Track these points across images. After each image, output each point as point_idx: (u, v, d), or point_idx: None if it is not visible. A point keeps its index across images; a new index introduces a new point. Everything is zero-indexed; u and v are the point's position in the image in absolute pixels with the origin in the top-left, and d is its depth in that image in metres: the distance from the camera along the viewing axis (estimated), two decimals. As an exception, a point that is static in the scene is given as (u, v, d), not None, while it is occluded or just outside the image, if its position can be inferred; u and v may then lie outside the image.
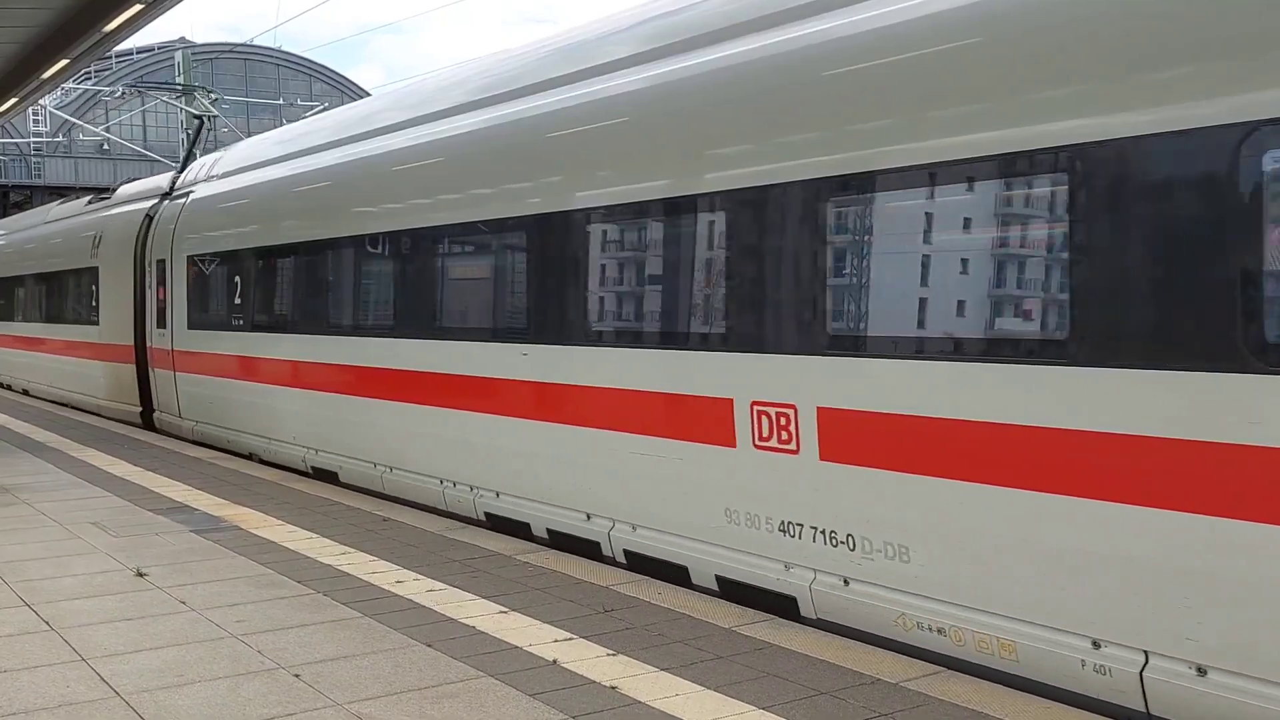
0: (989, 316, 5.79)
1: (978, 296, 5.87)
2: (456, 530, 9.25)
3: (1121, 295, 5.09)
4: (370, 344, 11.04)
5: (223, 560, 8.25)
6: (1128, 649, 5.15)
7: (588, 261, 8.24)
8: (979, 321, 5.82)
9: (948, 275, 6.05)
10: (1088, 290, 5.21)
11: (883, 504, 6.16)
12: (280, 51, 69.29)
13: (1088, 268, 5.21)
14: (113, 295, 18.29)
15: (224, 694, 5.43)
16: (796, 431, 6.53)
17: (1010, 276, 5.82)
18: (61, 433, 16.48)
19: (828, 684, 5.53)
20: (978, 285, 5.88)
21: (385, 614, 6.78)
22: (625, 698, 5.35)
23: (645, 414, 7.64)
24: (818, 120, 6.61)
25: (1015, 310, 5.81)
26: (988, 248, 5.80)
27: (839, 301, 6.43)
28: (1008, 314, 5.82)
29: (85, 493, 11.23)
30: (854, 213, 6.37)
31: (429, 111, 10.80)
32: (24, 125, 57.56)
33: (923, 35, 6.07)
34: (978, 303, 5.86)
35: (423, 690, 5.47)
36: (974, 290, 5.89)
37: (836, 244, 6.40)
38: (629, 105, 8.13)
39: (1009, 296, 5.80)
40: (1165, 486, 4.94)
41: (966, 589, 5.80)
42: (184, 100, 38.75)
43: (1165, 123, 4.90)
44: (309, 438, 12.37)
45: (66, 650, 6.13)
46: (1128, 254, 5.11)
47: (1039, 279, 5.65)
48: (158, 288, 16.52)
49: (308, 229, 12.29)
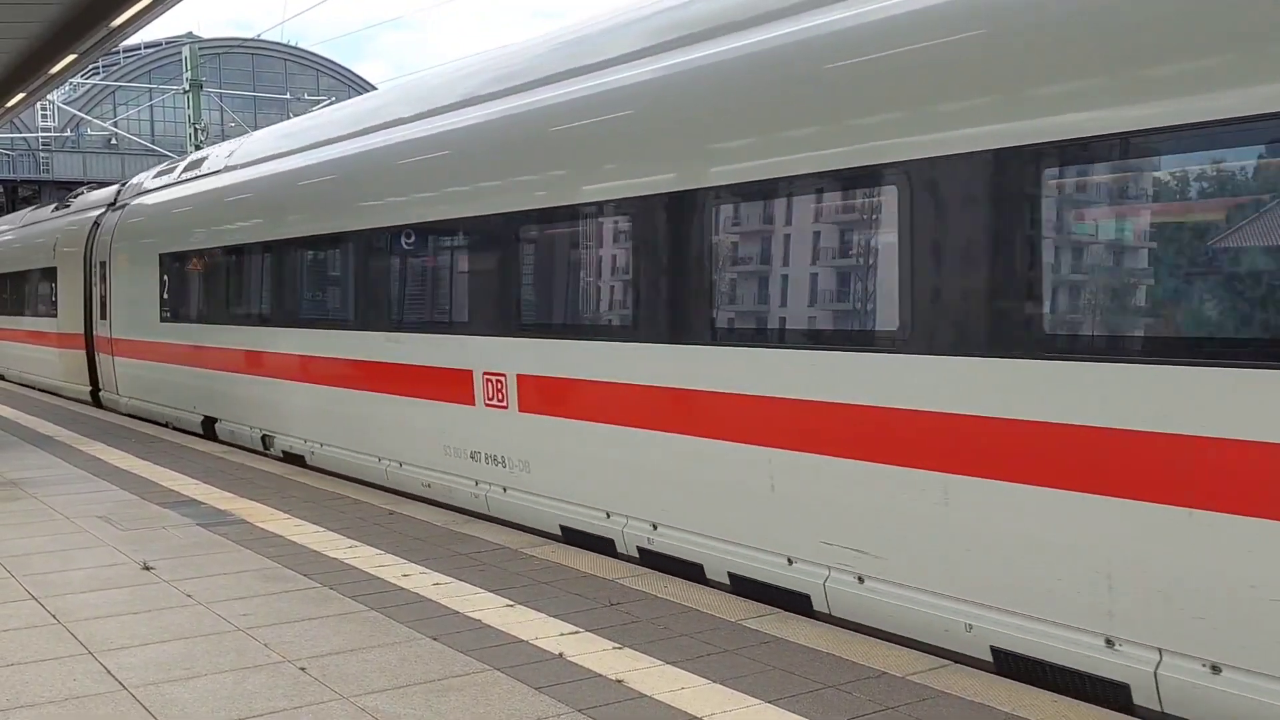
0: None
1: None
2: (463, 524, 9.25)
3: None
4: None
5: (229, 554, 8.25)
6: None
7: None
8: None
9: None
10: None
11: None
12: (287, 47, 69.37)
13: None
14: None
15: (230, 687, 5.43)
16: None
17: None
18: (69, 426, 16.53)
19: (834, 677, 5.52)
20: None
21: (391, 607, 6.78)
22: (631, 691, 5.35)
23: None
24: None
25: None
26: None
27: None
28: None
29: (92, 486, 11.25)
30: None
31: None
32: (32, 120, 57.73)
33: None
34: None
35: (429, 683, 5.47)
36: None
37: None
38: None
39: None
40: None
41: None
42: (190, 96, 38.80)
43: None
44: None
45: (73, 643, 6.13)
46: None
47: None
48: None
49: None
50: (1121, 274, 5.22)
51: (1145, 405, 4.99)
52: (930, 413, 5.86)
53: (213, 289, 15.09)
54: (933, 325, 5.84)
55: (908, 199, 5.94)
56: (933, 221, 5.83)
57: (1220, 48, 4.76)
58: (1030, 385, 5.42)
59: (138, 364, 17.99)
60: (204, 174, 16.45)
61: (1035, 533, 5.46)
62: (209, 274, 15.18)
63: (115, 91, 61.21)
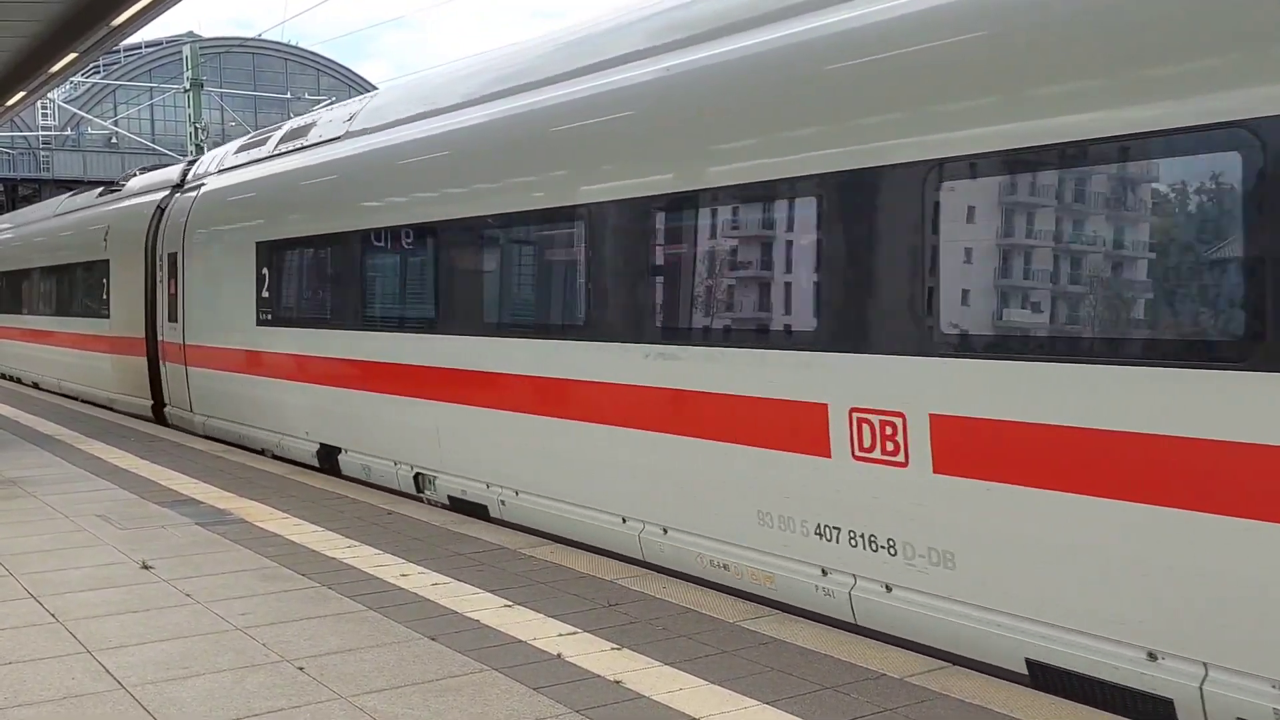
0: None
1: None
2: (461, 524, 9.25)
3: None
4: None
5: (227, 553, 8.26)
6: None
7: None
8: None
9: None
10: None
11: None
12: (288, 46, 69.37)
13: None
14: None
15: (228, 686, 5.44)
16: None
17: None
18: (69, 425, 16.52)
19: (833, 679, 5.52)
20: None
21: (390, 607, 6.78)
22: (629, 692, 5.35)
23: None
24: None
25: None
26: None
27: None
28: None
29: (91, 485, 11.25)
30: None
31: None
32: (33, 119, 57.71)
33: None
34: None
35: (427, 683, 5.47)
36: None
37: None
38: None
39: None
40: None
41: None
42: (190, 95, 38.80)
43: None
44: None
45: (71, 642, 6.13)
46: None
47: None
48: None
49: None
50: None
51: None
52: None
53: (344, 284, 11.75)
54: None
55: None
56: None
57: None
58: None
59: (221, 376, 14.75)
60: (314, 143, 13.11)
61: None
62: (337, 266, 11.88)
63: (116, 90, 61.24)
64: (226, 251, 14.62)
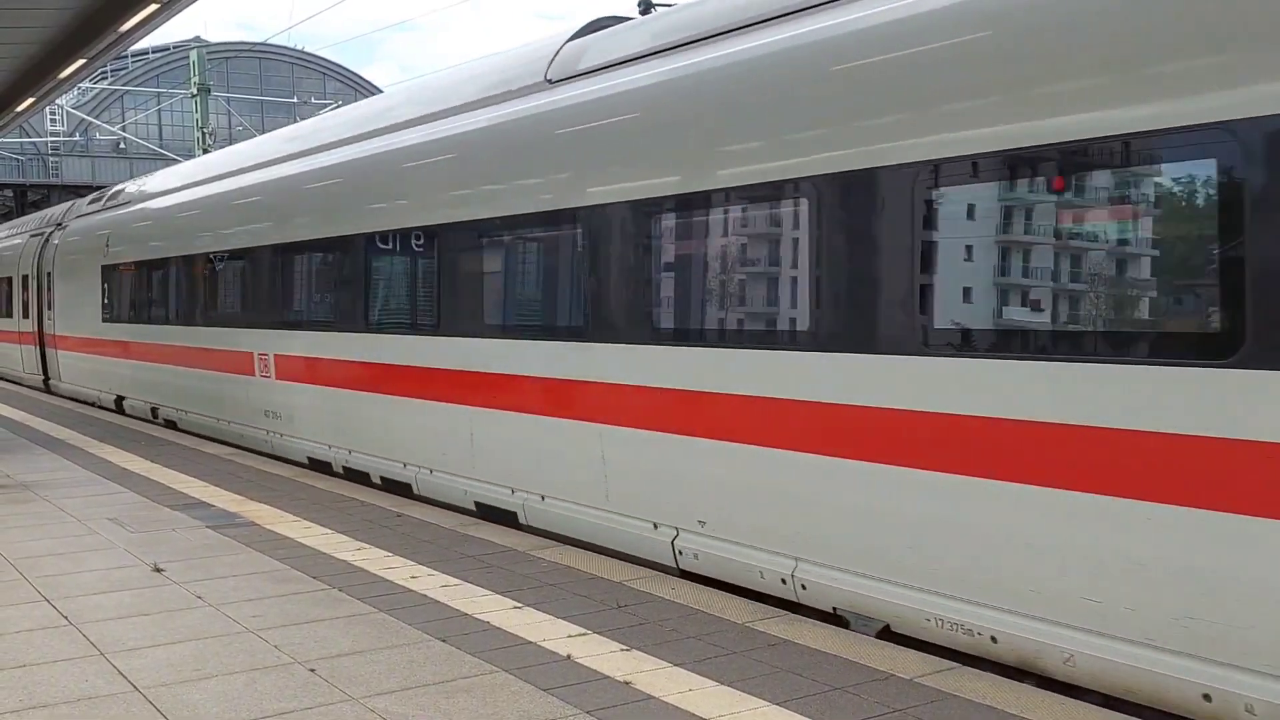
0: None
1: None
2: (471, 526, 9.28)
3: None
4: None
5: (239, 556, 8.29)
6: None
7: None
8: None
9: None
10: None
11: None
12: (295, 51, 69.48)
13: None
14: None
15: (240, 688, 5.47)
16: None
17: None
18: (79, 429, 16.59)
19: (843, 680, 5.53)
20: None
21: (400, 609, 6.81)
22: (639, 693, 5.37)
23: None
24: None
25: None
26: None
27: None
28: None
29: (102, 489, 11.30)
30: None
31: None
32: (41, 125, 57.84)
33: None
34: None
35: (437, 685, 5.49)
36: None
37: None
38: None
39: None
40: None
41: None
42: (197, 100, 38.91)
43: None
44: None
45: (85, 645, 6.17)
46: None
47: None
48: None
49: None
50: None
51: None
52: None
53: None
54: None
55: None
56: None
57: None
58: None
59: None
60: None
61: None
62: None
63: (124, 96, 61.40)
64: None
